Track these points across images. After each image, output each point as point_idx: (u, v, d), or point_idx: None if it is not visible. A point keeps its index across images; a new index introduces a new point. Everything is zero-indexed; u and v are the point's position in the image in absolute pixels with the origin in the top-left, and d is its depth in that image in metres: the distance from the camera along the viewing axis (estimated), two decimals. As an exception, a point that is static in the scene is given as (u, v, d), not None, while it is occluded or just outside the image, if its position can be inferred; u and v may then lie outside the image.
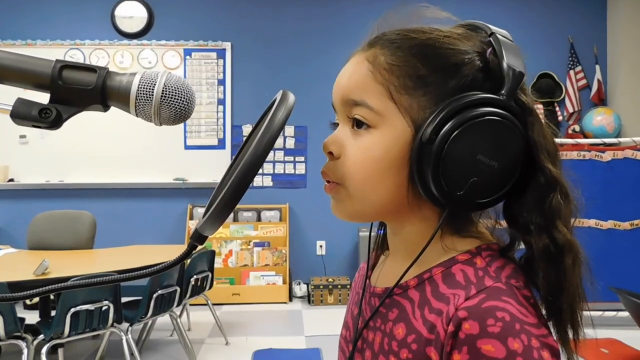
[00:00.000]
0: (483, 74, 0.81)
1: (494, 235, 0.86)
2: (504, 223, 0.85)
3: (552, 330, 0.76)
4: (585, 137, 7.25)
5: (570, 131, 7.53)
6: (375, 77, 0.84)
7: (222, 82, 7.40)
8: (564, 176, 0.79)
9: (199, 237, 0.73)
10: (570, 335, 0.79)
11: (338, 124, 0.90)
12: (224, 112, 7.39)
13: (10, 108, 0.74)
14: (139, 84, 0.75)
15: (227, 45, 7.40)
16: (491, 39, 0.84)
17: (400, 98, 0.82)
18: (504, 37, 0.84)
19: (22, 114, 0.74)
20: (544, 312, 0.77)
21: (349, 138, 0.86)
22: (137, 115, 0.76)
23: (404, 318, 0.83)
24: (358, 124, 0.85)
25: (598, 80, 7.56)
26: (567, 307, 0.76)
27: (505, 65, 0.79)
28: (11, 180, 7.10)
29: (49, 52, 7.08)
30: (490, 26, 0.86)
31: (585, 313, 0.82)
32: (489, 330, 0.69)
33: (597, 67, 7.60)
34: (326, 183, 0.90)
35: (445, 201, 0.79)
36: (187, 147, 7.34)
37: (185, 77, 7.27)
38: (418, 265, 0.85)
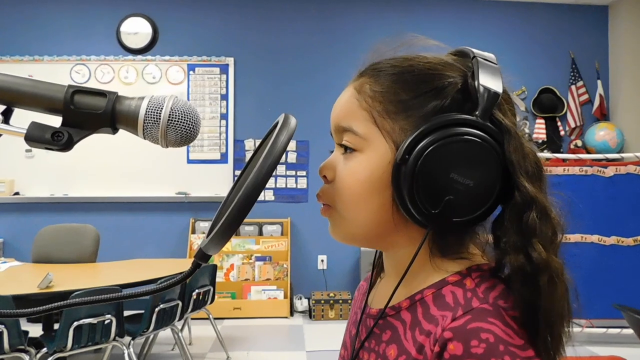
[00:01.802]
0: (462, 96, 0.83)
1: (485, 255, 0.87)
2: None
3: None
4: (588, 152, 7.25)
5: (572, 146, 7.54)
6: (361, 104, 0.87)
7: (225, 97, 7.43)
8: (545, 195, 0.80)
9: (203, 256, 0.76)
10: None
11: None
12: (226, 126, 7.42)
13: (25, 131, 0.76)
14: (146, 109, 0.77)
15: (230, 61, 7.44)
16: (472, 62, 0.85)
17: (383, 122, 0.85)
18: (487, 59, 0.85)
19: (35, 137, 0.76)
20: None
21: (340, 162, 0.89)
22: (144, 138, 0.79)
23: (396, 339, 0.85)
24: (347, 148, 0.88)
25: (600, 95, 7.58)
26: (544, 327, 0.74)
27: (479, 86, 0.81)
28: (16, 193, 7.13)
29: (55, 67, 7.16)
30: (475, 50, 0.87)
31: (589, 330, 0.82)
32: (472, 351, 0.70)
33: (599, 82, 7.63)
34: (322, 206, 0.93)
35: (423, 220, 0.80)
36: (189, 161, 7.37)
37: (188, 92, 7.33)
38: (410, 287, 0.87)
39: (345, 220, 0.89)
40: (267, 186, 5.61)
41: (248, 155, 7.25)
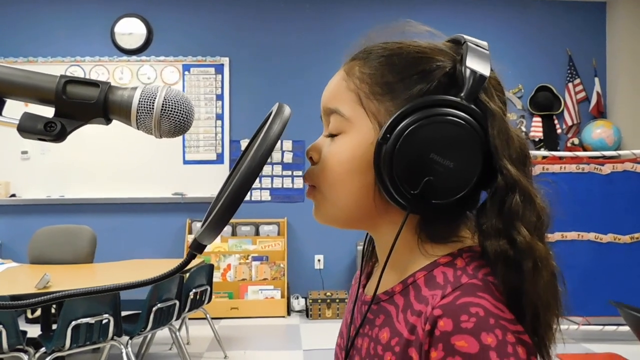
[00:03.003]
0: (449, 80, 0.83)
1: (476, 238, 0.85)
2: None
3: None
4: (585, 150, 7.25)
5: (569, 144, 7.54)
6: (348, 86, 0.88)
7: (220, 97, 7.43)
8: (530, 180, 0.79)
9: (197, 246, 0.76)
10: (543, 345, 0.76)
11: None
12: (222, 127, 7.42)
13: (17, 122, 0.76)
14: (140, 98, 0.77)
15: (225, 61, 7.44)
16: (463, 47, 0.85)
17: (369, 103, 0.85)
18: (478, 45, 0.85)
19: (28, 127, 0.76)
20: None
21: (326, 144, 0.90)
22: (138, 128, 0.79)
23: (389, 323, 0.85)
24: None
25: (597, 92, 7.57)
26: (531, 314, 0.73)
27: (466, 68, 0.81)
28: (13, 195, 7.13)
29: (49, 68, 7.11)
30: (467, 37, 0.87)
31: (586, 327, 0.80)
32: (463, 326, 0.70)
33: (596, 79, 7.62)
34: (307, 187, 0.94)
35: (403, 201, 0.80)
36: (185, 162, 7.37)
37: (184, 92, 7.29)
38: (402, 272, 0.87)
39: (328, 201, 0.90)
40: (263, 186, 5.59)
41: (244, 156, 7.25)
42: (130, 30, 7.31)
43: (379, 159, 0.81)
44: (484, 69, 0.81)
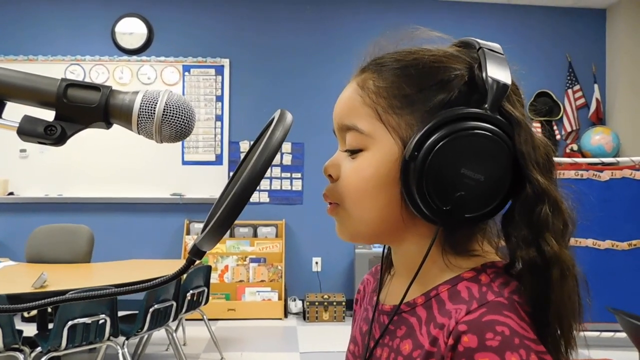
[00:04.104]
0: (469, 88, 0.82)
1: (499, 253, 0.86)
2: None
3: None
4: (584, 156, 7.24)
5: (568, 150, 7.53)
6: (364, 101, 0.86)
7: (220, 99, 7.42)
8: (556, 186, 0.79)
9: (197, 252, 0.76)
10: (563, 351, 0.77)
11: None
12: (221, 128, 7.42)
13: (17, 125, 0.75)
14: (141, 103, 0.76)
15: (226, 62, 7.44)
16: (478, 53, 0.84)
17: (388, 118, 0.84)
18: (492, 50, 0.84)
19: (28, 130, 0.75)
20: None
21: (345, 160, 0.88)
22: (138, 133, 0.78)
23: (411, 334, 0.84)
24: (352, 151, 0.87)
25: (596, 99, 7.57)
26: (555, 321, 0.74)
27: (487, 77, 0.80)
28: (11, 193, 7.12)
29: (49, 67, 7.12)
30: (480, 41, 0.86)
31: (580, 333, 0.80)
32: (487, 344, 0.69)
33: (596, 86, 7.62)
34: (329, 205, 0.92)
35: (434, 217, 0.79)
36: (184, 163, 7.36)
37: (183, 93, 7.30)
38: (424, 284, 0.86)
39: (352, 218, 0.88)
40: (261, 188, 5.59)
41: (243, 157, 7.24)
42: (131, 30, 7.30)
43: (407, 176, 0.80)
44: (505, 77, 0.80)
